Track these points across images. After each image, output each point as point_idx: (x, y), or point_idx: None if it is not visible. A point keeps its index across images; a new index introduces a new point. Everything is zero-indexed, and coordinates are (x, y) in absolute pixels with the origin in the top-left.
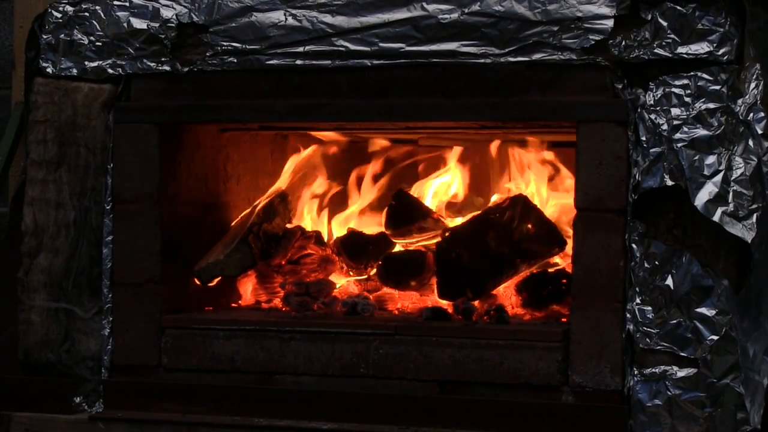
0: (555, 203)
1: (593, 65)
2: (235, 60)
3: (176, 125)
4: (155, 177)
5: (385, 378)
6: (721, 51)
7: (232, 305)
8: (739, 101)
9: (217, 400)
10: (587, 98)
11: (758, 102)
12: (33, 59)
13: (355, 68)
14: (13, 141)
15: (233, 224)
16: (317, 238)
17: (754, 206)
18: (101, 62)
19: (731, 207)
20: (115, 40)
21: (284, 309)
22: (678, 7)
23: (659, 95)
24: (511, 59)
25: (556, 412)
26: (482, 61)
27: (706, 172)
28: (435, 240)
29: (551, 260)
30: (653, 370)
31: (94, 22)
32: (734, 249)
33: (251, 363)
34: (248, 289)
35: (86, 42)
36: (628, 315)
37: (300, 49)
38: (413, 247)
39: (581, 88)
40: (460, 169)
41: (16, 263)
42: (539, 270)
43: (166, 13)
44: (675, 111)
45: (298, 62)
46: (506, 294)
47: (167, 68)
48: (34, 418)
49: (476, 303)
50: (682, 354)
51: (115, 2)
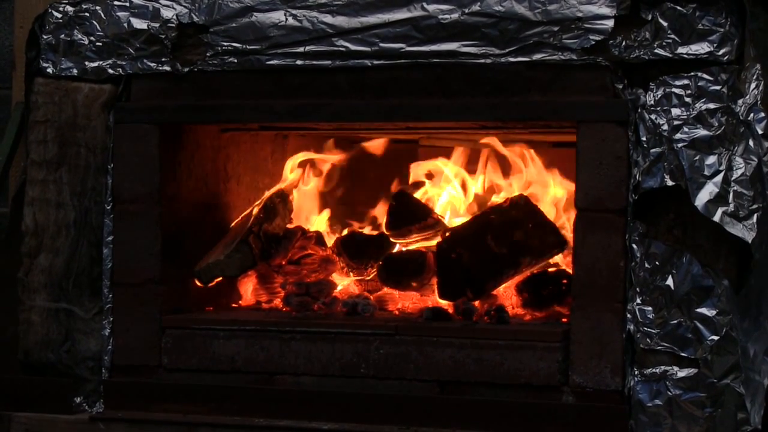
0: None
1: (593, 65)
2: (236, 60)
3: (176, 125)
4: (155, 177)
5: (386, 378)
6: (722, 51)
7: (233, 305)
8: (740, 101)
9: (218, 401)
10: (587, 98)
11: (758, 102)
12: (33, 59)
13: (356, 68)
14: (14, 141)
15: (233, 224)
16: (318, 239)
17: (755, 206)
18: (101, 62)
19: (731, 207)
20: (116, 41)
21: (284, 309)
22: (678, 7)
23: (659, 95)
24: (512, 59)
25: (557, 413)
26: (482, 62)
27: (707, 173)
28: (435, 240)
29: (551, 260)
30: (653, 371)
31: (95, 23)
32: (734, 249)
33: (251, 363)
34: (249, 290)
35: (86, 42)
36: (629, 315)
37: (300, 50)
38: (413, 248)
39: (581, 89)
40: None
41: (16, 263)
42: (539, 270)
43: (167, 14)
44: (675, 111)
45: (299, 62)
46: (506, 294)
47: (167, 68)
48: (35, 419)
49: (476, 303)
50: (683, 354)
51: (116, 2)
